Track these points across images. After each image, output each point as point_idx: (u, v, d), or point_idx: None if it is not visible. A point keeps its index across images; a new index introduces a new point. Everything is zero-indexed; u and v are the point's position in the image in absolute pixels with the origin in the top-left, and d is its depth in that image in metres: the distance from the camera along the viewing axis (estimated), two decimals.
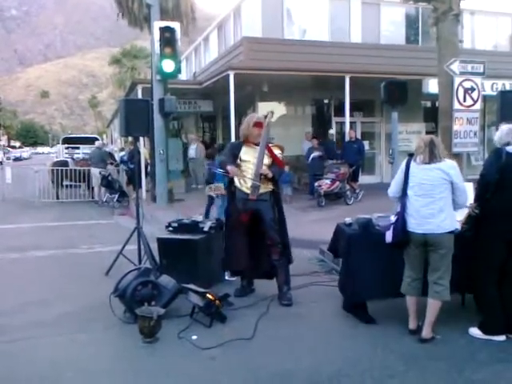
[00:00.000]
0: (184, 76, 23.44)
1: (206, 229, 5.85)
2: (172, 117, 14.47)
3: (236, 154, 5.23)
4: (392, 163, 8.43)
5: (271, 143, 5.46)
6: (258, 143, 5.12)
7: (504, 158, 4.09)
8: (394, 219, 4.22)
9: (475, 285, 4.34)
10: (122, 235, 6.85)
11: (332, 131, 14.28)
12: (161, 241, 5.91)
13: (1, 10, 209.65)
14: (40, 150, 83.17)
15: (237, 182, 5.21)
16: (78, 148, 24.97)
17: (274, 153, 5.21)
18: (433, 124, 15.73)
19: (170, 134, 14.35)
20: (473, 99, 8.15)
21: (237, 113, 12.97)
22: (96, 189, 14.30)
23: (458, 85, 8.01)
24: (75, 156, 21.87)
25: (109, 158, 15.25)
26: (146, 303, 4.45)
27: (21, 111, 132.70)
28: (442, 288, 4.07)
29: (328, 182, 11.41)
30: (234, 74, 12.60)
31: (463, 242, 4.21)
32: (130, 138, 13.81)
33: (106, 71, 78.54)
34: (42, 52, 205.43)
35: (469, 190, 4.39)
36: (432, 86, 12.50)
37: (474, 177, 4.77)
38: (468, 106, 8.15)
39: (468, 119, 8.20)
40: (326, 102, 16.59)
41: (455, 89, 8.03)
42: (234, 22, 18.04)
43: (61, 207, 13.57)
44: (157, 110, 11.74)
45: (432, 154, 4.04)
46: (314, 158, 12.67)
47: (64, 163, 16.04)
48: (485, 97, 10.72)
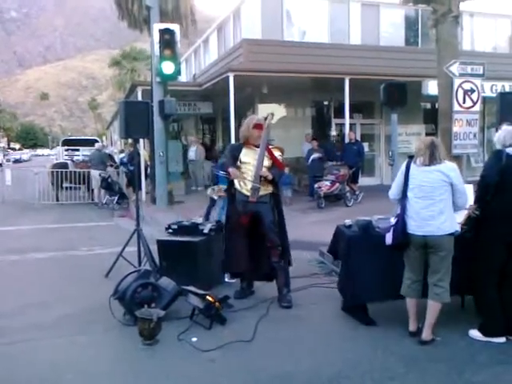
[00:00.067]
0: (184, 78, 23.45)
1: (205, 231, 5.84)
2: (172, 119, 14.49)
3: (236, 156, 5.22)
4: (392, 165, 8.43)
5: (271, 145, 5.46)
6: (258, 145, 5.11)
7: (504, 159, 4.09)
8: (394, 221, 4.22)
9: (475, 287, 4.34)
10: (121, 237, 6.85)
11: (333, 133, 14.28)
12: (161, 243, 5.90)
13: (0, 11, 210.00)
14: (40, 152, 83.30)
15: (237, 184, 5.21)
16: (78, 150, 24.96)
17: (274, 155, 5.20)
18: (432, 126, 15.75)
19: (169, 136, 14.38)
20: (472, 101, 8.16)
21: (236, 115, 12.98)
22: (96, 191, 14.31)
23: (457, 86, 8.02)
24: (75, 158, 21.87)
25: (108, 160, 15.28)
26: (146, 305, 4.45)
27: (20, 113, 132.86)
28: (441, 290, 4.07)
29: (328, 183, 11.41)
30: (234, 76, 12.61)
31: (463, 244, 4.21)
32: (130, 140, 13.81)
33: (106, 73, 78.67)
34: (42, 54, 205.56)
35: (469, 191, 4.38)
36: (431, 87, 12.52)
37: (474, 178, 4.78)
38: (467, 108, 8.15)
39: (468, 121, 8.21)
40: (326, 103, 16.59)
41: (455, 90, 8.04)
42: (233, 23, 18.06)
43: (60, 209, 13.57)
44: (157, 112, 11.75)
45: (432, 156, 4.03)
46: (314, 159, 12.68)
47: (64, 165, 16.06)
48: (484, 98, 10.72)
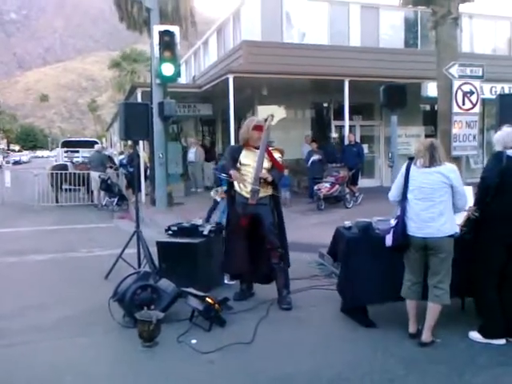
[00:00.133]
0: (183, 80, 23.45)
1: (205, 232, 5.85)
2: (171, 120, 14.47)
3: (236, 158, 5.21)
4: (391, 167, 8.43)
5: (271, 147, 5.45)
6: (258, 147, 5.10)
7: (505, 161, 4.09)
8: (393, 223, 4.23)
9: (475, 288, 4.33)
10: (121, 239, 6.84)
11: (334, 135, 14.26)
12: (160, 244, 5.90)
13: (0, 13, 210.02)
14: (39, 153, 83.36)
15: (236, 186, 5.20)
16: (78, 152, 24.97)
17: (274, 156, 5.19)
18: (432, 127, 15.75)
19: (169, 138, 14.37)
20: (472, 102, 8.16)
21: (236, 116, 12.97)
22: (95, 192, 14.31)
23: (456, 88, 8.03)
24: (74, 160, 21.86)
25: (108, 161, 15.28)
26: (146, 307, 4.44)
27: (20, 115, 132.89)
28: (441, 292, 4.07)
29: (327, 185, 11.41)
30: (234, 78, 12.61)
31: (463, 246, 4.21)
32: (130, 142, 13.83)
33: (106, 75, 78.69)
34: (42, 56, 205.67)
35: (468, 193, 4.39)
36: (431, 89, 12.52)
37: (473, 180, 4.77)
38: (467, 110, 8.16)
39: (467, 122, 8.21)
40: (326, 105, 16.60)
41: (454, 92, 8.04)
42: (233, 25, 18.08)
43: (60, 211, 13.55)
44: (156, 114, 11.76)
45: (432, 158, 4.03)
46: (314, 161, 12.67)
47: (63, 167, 16.05)
48: (484, 100, 10.73)
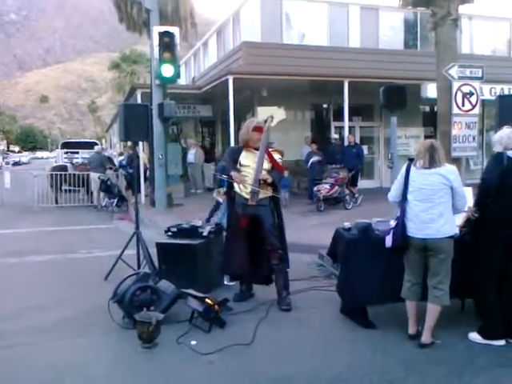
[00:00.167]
0: (183, 81, 23.49)
1: (205, 233, 5.84)
2: (171, 121, 14.46)
3: (236, 159, 5.21)
4: (391, 168, 8.44)
5: (271, 148, 5.45)
6: (258, 148, 5.09)
7: (505, 162, 4.09)
8: (393, 224, 4.23)
9: (474, 289, 4.34)
10: (121, 240, 6.83)
11: (336, 135, 14.24)
12: (160, 245, 5.90)
13: (0, 14, 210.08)
14: (39, 154, 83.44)
15: (236, 187, 5.19)
16: (77, 153, 24.94)
17: (274, 158, 5.18)
18: (431, 128, 15.79)
19: (169, 139, 14.34)
20: (471, 104, 8.17)
21: (236, 117, 12.97)
22: (95, 193, 14.31)
23: (456, 89, 8.04)
24: (74, 161, 21.86)
25: (108, 162, 15.28)
26: (145, 308, 4.44)
27: (20, 116, 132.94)
28: (441, 293, 4.07)
29: (327, 186, 11.40)
30: (233, 79, 12.61)
31: (462, 247, 4.21)
32: (129, 143, 13.82)
33: (106, 76, 78.65)
34: (42, 57, 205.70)
35: (468, 194, 4.39)
36: (430, 90, 12.54)
37: (473, 181, 4.78)
38: (467, 111, 8.16)
39: (467, 124, 8.22)
40: (325, 106, 16.60)
41: (454, 93, 8.05)
42: (233, 26, 18.10)
43: (60, 212, 13.55)
44: (156, 115, 11.75)
45: (432, 159, 4.03)
46: (314, 162, 12.68)
47: (63, 168, 16.05)
48: (483, 101, 10.74)
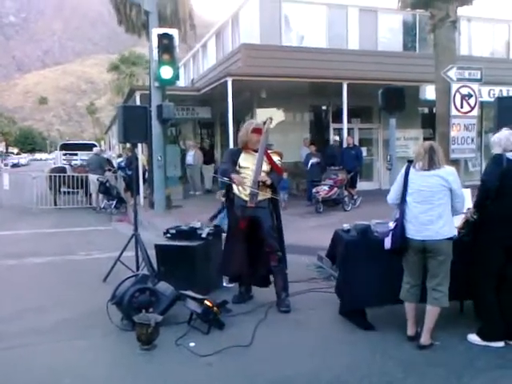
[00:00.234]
0: (182, 83, 23.53)
1: (203, 235, 5.83)
2: (170, 123, 14.49)
3: (235, 161, 5.20)
4: (390, 169, 8.46)
5: (270, 150, 5.44)
6: (257, 150, 5.08)
7: (505, 164, 4.09)
8: (392, 225, 4.22)
9: (474, 291, 4.33)
10: (119, 242, 6.82)
11: (336, 138, 14.25)
12: (159, 247, 5.89)
13: None
14: (38, 156, 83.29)
15: (235, 189, 5.18)
16: (76, 154, 24.93)
17: (273, 159, 5.17)
18: (430, 130, 15.80)
19: (168, 141, 14.37)
20: (470, 105, 8.19)
21: (235, 119, 12.98)
22: (94, 195, 14.30)
23: (455, 91, 8.06)
24: (73, 162, 21.83)
25: (107, 164, 15.27)
26: (144, 310, 4.44)
27: (19, 117, 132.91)
28: (440, 295, 4.07)
29: (326, 188, 11.40)
30: (232, 81, 12.61)
31: (462, 248, 4.21)
32: (128, 145, 13.82)
33: (105, 78, 78.70)
34: (41, 58, 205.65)
35: (467, 196, 4.39)
36: (429, 92, 12.55)
37: (472, 183, 4.78)
38: (465, 113, 8.19)
39: (465, 125, 8.24)
40: (324, 108, 16.61)
41: (452, 95, 8.07)
42: (232, 28, 18.13)
43: (58, 214, 13.54)
44: (155, 117, 11.75)
45: (431, 161, 4.04)
46: (313, 164, 12.68)
47: (62, 170, 16.04)
48: (482, 103, 10.77)
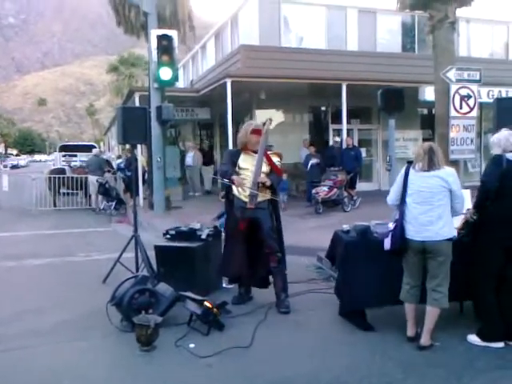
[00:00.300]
0: (181, 84, 23.52)
1: (203, 236, 5.83)
2: (169, 124, 14.49)
3: (234, 162, 5.19)
4: (389, 170, 8.47)
5: (270, 151, 5.44)
6: (256, 151, 5.08)
7: (505, 165, 4.09)
8: (392, 226, 4.22)
9: (473, 291, 4.33)
10: (119, 243, 6.83)
11: (337, 139, 14.26)
12: (158, 248, 5.89)
13: None
14: (37, 157, 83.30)
15: (235, 190, 5.17)
16: (76, 156, 24.90)
17: (273, 160, 5.17)
18: (429, 131, 15.81)
19: (167, 142, 14.39)
20: (469, 106, 8.20)
21: (234, 120, 12.98)
22: (93, 196, 14.29)
23: (454, 92, 8.07)
24: (72, 164, 21.83)
25: (106, 165, 15.27)
26: (144, 311, 4.43)
27: (18, 119, 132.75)
28: (440, 295, 4.07)
29: (325, 189, 11.41)
30: (232, 82, 12.62)
31: (461, 249, 4.22)
32: (128, 146, 13.82)
33: (104, 79, 78.71)
34: (40, 60, 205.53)
35: (466, 197, 4.40)
36: (428, 93, 12.58)
37: (471, 184, 4.78)
38: (464, 113, 8.19)
39: (464, 126, 8.24)
40: (324, 109, 16.62)
41: (451, 96, 8.08)
42: (231, 30, 18.14)
43: (58, 215, 13.52)
44: (154, 118, 11.75)
45: (431, 162, 4.04)
46: (313, 165, 12.68)
47: (61, 171, 16.04)
48: (481, 104, 10.79)
